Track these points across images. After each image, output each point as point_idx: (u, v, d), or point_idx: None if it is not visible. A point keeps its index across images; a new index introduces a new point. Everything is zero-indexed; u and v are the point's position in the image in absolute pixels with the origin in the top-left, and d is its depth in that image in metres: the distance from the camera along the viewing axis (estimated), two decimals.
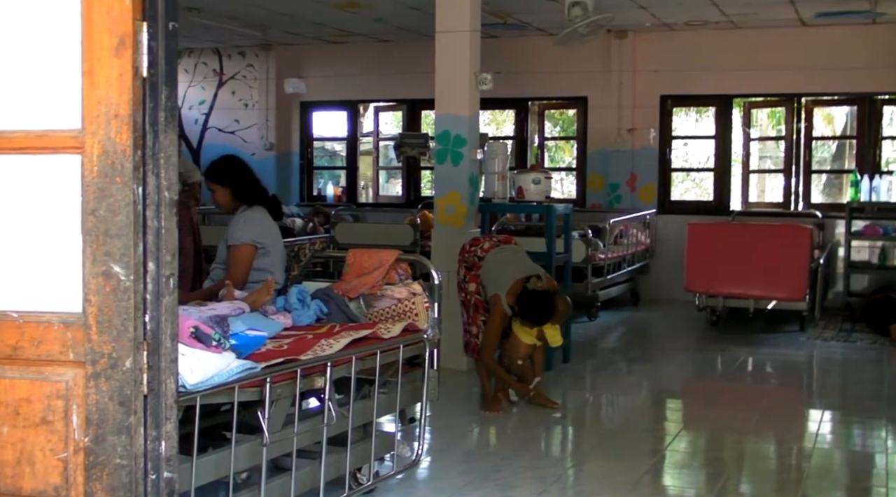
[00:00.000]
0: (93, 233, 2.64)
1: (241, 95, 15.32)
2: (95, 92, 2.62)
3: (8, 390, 2.73)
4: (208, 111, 15.49)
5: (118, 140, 2.61)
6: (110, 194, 2.62)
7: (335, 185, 15.60)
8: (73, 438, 2.69)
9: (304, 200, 15.13)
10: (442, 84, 8.60)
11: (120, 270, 2.62)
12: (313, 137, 15.52)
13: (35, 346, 2.70)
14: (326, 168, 16.28)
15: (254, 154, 15.06)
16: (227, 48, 15.21)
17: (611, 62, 13.30)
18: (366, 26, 12.86)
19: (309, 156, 15.42)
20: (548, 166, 16.01)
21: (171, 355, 2.73)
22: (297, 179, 15.28)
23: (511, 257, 7.41)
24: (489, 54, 12.84)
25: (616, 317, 12.01)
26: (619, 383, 8.91)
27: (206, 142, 15.41)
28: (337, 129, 15.71)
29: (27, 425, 2.71)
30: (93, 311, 2.64)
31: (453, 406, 7.52)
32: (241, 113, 15.32)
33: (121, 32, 2.61)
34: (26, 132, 2.71)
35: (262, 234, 5.70)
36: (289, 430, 4.39)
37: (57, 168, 2.69)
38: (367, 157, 15.63)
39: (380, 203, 15.20)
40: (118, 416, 2.64)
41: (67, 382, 2.69)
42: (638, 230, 12.72)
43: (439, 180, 8.69)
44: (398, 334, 5.11)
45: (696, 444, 7.02)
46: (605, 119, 13.43)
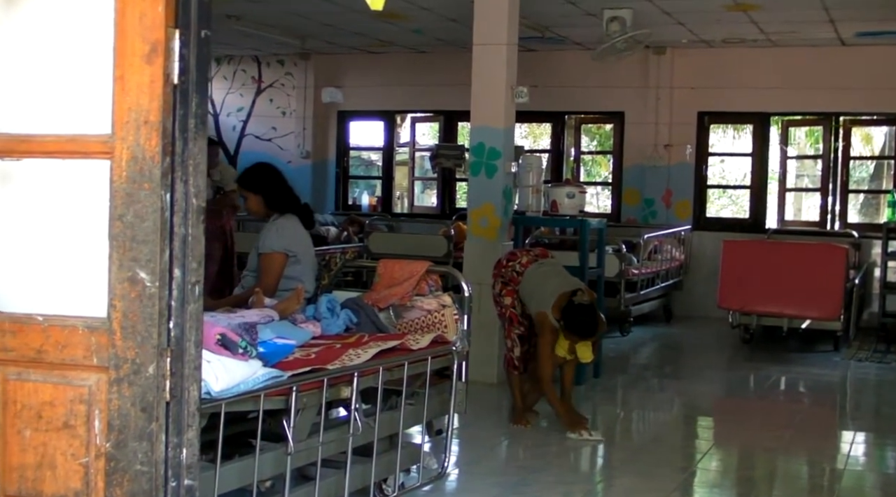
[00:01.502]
0: (120, 238, 2.64)
1: (279, 103, 15.38)
2: (126, 98, 2.63)
3: (31, 393, 2.74)
4: (246, 118, 15.56)
5: (147, 146, 2.62)
6: (138, 200, 2.62)
7: (370, 195, 15.62)
8: (95, 443, 2.69)
9: (340, 209, 15.15)
10: (478, 96, 8.59)
11: (146, 276, 2.62)
12: (350, 146, 15.56)
13: (59, 350, 2.71)
14: (362, 177, 16.32)
15: (290, 162, 15.11)
16: (266, 56, 15.29)
17: (648, 78, 13.25)
18: (404, 37, 12.89)
19: (345, 165, 15.45)
20: (584, 180, 15.99)
21: (194, 362, 2.73)
22: (332, 188, 15.31)
23: (551, 271, 7.35)
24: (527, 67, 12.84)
25: (649, 332, 11.94)
26: (649, 399, 8.85)
27: (244, 149, 15.47)
28: (373, 139, 15.74)
29: (49, 429, 2.72)
30: (117, 316, 2.65)
31: (483, 418, 7.49)
32: (279, 121, 15.38)
33: (153, 39, 2.62)
34: (57, 137, 2.72)
35: (293, 243, 5.70)
36: (314, 440, 4.37)
37: (86, 173, 2.70)
38: (404, 168, 15.65)
39: (415, 213, 15.20)
40: (140, 423, 2.64)
41: (90, 387, 2.69)
42: (672, 246, 12.63)
43: (473, 192, 8.67)
44: (426, 346, 5.10)
45: (727, 462, 6.95)
46: (642, 134, 13.37)
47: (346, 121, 15.29)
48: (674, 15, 10.79)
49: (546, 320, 7.02)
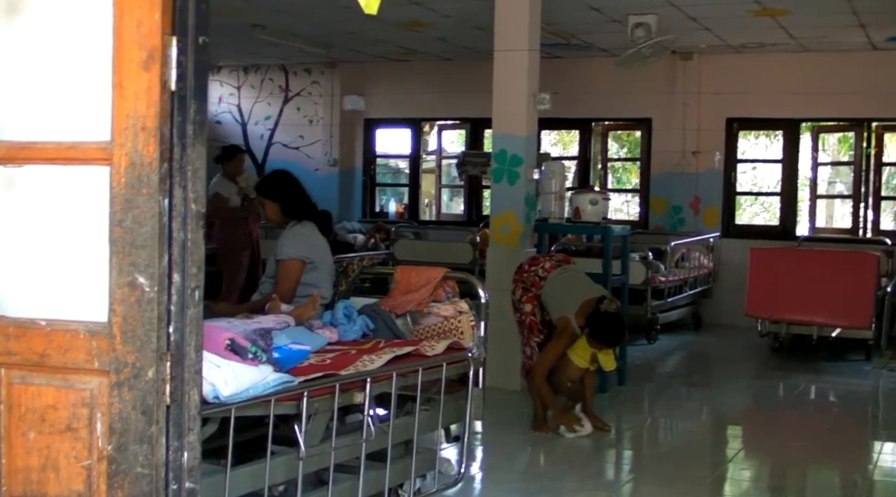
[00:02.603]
0: (119, 243, 2.67)
1: (306, 112, 15.45)
2: (124, 105, 2.66)
3: (35, 397, 2.77)
4: (273, 127, 15.65)
5: (145, 152, 2.64)
6: (137, 206, 2.65)
7: (398, 203, 15.66)
8: (97, 446, 2.71)
9: (367, 217, 15.20)
10: (500, 103, 8.60)
11: (144, 281, 2.65)
12: (376, 154, 15.61)
13: (62, 354, 2.74)
14: (389, 185, 16.36)
15: (317, 170, 15.19)
16: (293, 65, 15.37)
17: (676, 84, 13.20)
18: (429, 45, 12.92)
19: (372, 173, 15.50)
20: (613, 187, 15.97)
21: (195, 366, 2.75)
22: (359, 196, 15.36)
23: (574, 278, 7.35)
24: (553, 74, 12.87)
25: (676, 340, 11.88)
26: (675, 407, 8.82)
27: (271, 157, 15.55)
28: (400, 147, 15.79)
29: (53, 432, 2.75)
30: (117, 320, 2.67)
31: (505, 425, 7.49)
32: (306, 129, 15.45)
33: (150, 46, 2.64)
34: (57, 144, 2.75)
35: (311, 250, 5.73)
36: (327, 445, 4.38)
37: (86, 179, 2.73)
38: (431, 175, 15.68)
39: (441, 221, 15.22)
40: (140, 426, 2.67)
41: (92, 390, 2.72)
42: (701, 254, 12.57)
43: (495, 199, 8.68)
44: (442, 352, 5.10)
45: (755, 472, 6.92)
46: (670, 141, 13.32)
47: (372, 129, 15.34)
48: (700, 20, 10.75)
49: (568, 326, 7.01)
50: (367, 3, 3.13)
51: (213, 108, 16.03)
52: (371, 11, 3.15)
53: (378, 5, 3.13)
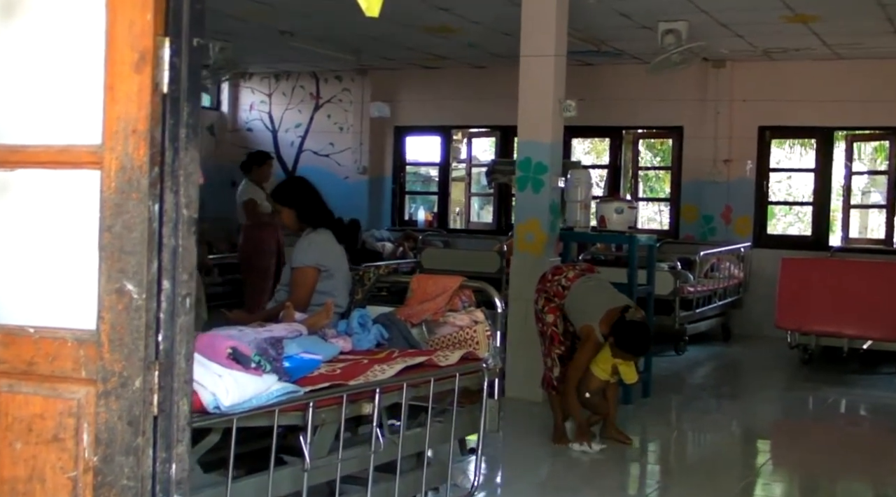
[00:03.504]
0: (108, 249, 2.60)
1: (337, 119, 15.44)
2: (115, 107, 2.59)
3: (22, 406, 2.71)
4: (304, 134, 15.64)
5: (135, 156, 2.58)
6: (126, 210, 2.58)
7: (427, 211, 15.60)
8: (83, 457, 2.65)
9: (396, 225, 15.14)
10: (525, 109, 8.51)
11: (133, 288, 2.58)
12: (406, 162, 15.55)
13: (49, 362, 2.68)
14: (419, 193, 16.30)
15: (347, 178, 15.18)
16: (323, 72, 15.36)
17: (708, 91, 13.06)
18: (458, 51, 12.86)
19: (401, 180, 15.44)
20: (645, 196, 15.84)
21: (184, 376, 2.68)
22: (388, 204, 15.31)
23: (598, 286, 7.24)
24: (583, 81, 12.77)
25: (705, 351, 11.72)
26: (701, 420, 8.67)
27: (301, 164, 15.54)
28: (430, 154, 15.73)
29: (39, 442, 2.69)
30: (105, 328, 2.61)
31: (525, 437, 7.40)
32: (336, 136, 15.43)
33: (141, 48, 2.58)
34: (48, 147, 2.69)
35: (326, 257, 5.66)
36: (334, 456, 4.30)
37: (77, 183, 2.67)
38: (461, 183, 15.62)
39: (471, 230, 15.15)
40: (126, 437, 2.60)
41: (79, 400, 2.65)
42: (731, 263, 12.41)
43: (520, 207, 8.59)
44: (455, 362, 5.01)
45: (782, 486, 6.78)
46: (701, 149, 13.18)
47: (402, 136, 15.29)
48: (731, 27, 10.62)
49: (592, 334, 6.90)
50: (369, 5, 3.04)
51: (245, 115, 16.07)
52: (372, 14, 3.07)
53: (379, 7, 3.05)
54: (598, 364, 6.98)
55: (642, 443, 7.65)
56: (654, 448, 7.80)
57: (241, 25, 11.42)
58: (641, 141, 14.77)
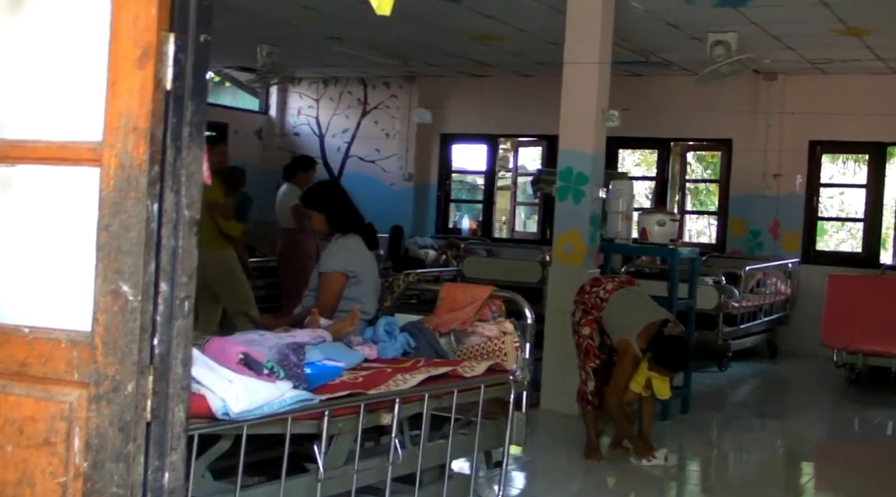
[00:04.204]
0: (105, 249, 2.53)
1: (384, 125, 15.39)
2: (116, 103, 2.52)
3: (14, 407, 2.64)
4: (350, 140, 15.62)
5: (135, 154, 2.50)
6: (124, 210, 2.51)
7: (471, 219, 15.50)
8: (74, 462, 2.57)
9: (440, 233, 15.05)
10: (567, 118, 8.38)
11: (128, 290, 2.50)
12: (452, 170, 15.46)
13: (42, 364, 2.61)
14: (463, 201, 16.21)
15: (393, 184, 15.13)
16: (371, 78, 15.33)
17: (758, 104, 12.85)
18: (505, 59, 12.76)
19: (446, 188, 15.36)
20: (693, 209, 15.63)
21: (181, 382, 2.60)
22: (433, 211, 15.23)
23: (637, 299, 7.09)
24: (631, 92, 12.63)
25: (749, 368, 11.50)
26: (742, 438, 8.48)
27: (347, 170, 15.52)
28: (476, 163, 15.64)
29: (30, 445, 2.61)
30: (100, 330, 2.53)
31: (557, 451, 7.29)
32: (383, 142, 15.39)
33: (144, 43, 2.50)
34: (48, 143, 2.62)
35: (354, 263, 5.57)
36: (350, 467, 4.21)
37: (77, 180, 2.60)
38: (506, 192, 15.51)
39: (515, 239, 15.03)
40: (117, 443, 2.51)
41: (71, 403, 2.58)
42: (778, 279, 12.18)
43: (560, 218, 8.45)
44: (481, 373, 4.90)
45: None
46: (750, 163, 12.96)
47: (449, 144, 15.21)
48: (782, 39, 10.42)
49: (629, 349, 6.76)
50: (380, 3, 2.95)
51: (292, 119, 16.09)
52: (383, 12, 2.97)
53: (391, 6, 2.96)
54: (634, 378, 6.83)
55: (680, 460, 7.48)
56: (691, 466, 7.63)
57: (290, 30, 11.41)
58: (690, 153, 14.56)
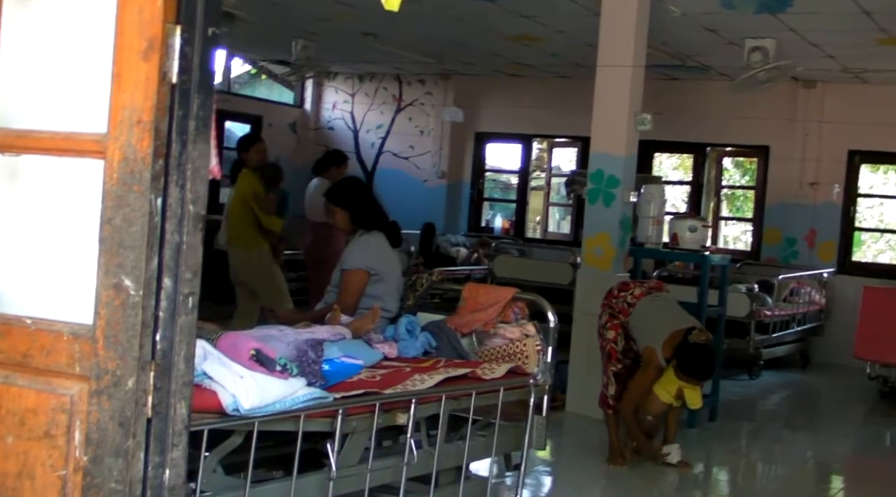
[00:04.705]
0: (107, 242, 2.51)
1: (418, 122, 15.36)
2: (121, 96, 2.50)
3: (16, 399, 2.63)
4: (385, 136, 15.59)
5: (139, 147, 2.48)
6: (127, 203, 2.48)
7: (504, 218, 15.44)
8: (74, 456, 2.55)
9: (472, 231, 15.01)
10: (599, 121, 8.31)
11: (130, 284, 2.48)
12: (485, 168, 15.42)
13: (44, 356, 2.59)
14: (496, 200, 16.15)
15: (426, 181, 15.10)
16: (407, 75, 15.31)
17: (797, 112, 12.69)
18: (542, 60, 12.68)
19: (480, 187, 15.30)
20: (729, 216, 15.49)
21: (183, 378, 2.57)
22: (465, 209, 15.18)
23: (664, 306, 7.00)
24: (667, 95, 12.54)
25: (780, 378, 11.36)
26: (769, 448, 8.35)
27: (381, 166, 15.50)
28: (511, 162, 15.58)
29: (31, 438, 2.60)
30: (101, 324, 2.51)
31: (582, 455, 7.24)
32: (417, 139, 15.36)
33: (150, 35, 2.48)
34: (53, 133, 2.61)
35: (377, 261, 5.53)
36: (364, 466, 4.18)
37: (81, 172, 2.58)
38: (540, 192, 15.44)
39: (547, 240, 14.96)
40: (117, 438, 2.49)
41: (72, 397, 2.56)
42: (812, 289, 12.02)
43: (589, 221, 8.39)
44: (501, 376, 4.85)
45: None
46: (787, 170, 12.81)
47: (483, 142, 15.15)
48: (821, 47, 10.28)
49: (653, 358, 6.67)
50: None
51: (327, 114, 16.09)
52: (392, 7, 2.93)
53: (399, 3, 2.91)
54: (663, 386, 6.71)
55: (705, 469, 7.40)
56: (717, 475, 7.54)
57: (325, 25, 11.40)
58: (728, 159, 14.42)
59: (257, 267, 8.68)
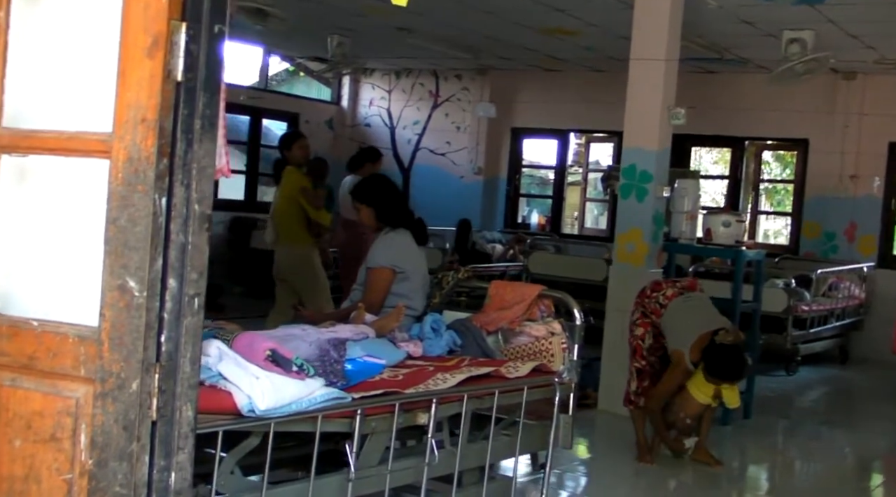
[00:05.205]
0: (112, 243, 2.48)
1: (455, 118, 15.31)
2: (126, 94, 2.47)
3: (22, 402, 2.61)
4: (421, 132, 15.56)
5: (143, 146, 2.45)
6: (132, 203, 2.45)
7: (540, 214, 15.36)
8: (80, 459, 2.53)
9: (508, 227, 14.94)
10: (632, 115, 8.21)
11: (134, 285, 2.45)
12: (522, 164, 15.34)
13: (50, 358, 2.57)
14: (533, 196, 16.06)
15: (462, 177, 15.05)
16: (444, 71, 15.26)
17: (836, 104, 12.51)
18: (577, 54, 12.59)
19: (516, 182, 15.23)
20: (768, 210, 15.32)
21: (189, 380, 2.54)
22: (502, 205, 15.11)
23: (696, 306, 6.90)
24: (705, 88, 12.42)
25: (818, 373, 11.20)
26: (805, 447, 8.24)
27: (417, 162, 15.46)
28: (547, 157, 15.49)
29: (37, 441, 2.58)
30: (106, 326, 2.48)
31: (612, 453, 7.17)
32: (453, 135, 15.30)
33: (155, 32, 2.44)
34: (59, 133, 2.58)
35: (402, 259, 5.49)
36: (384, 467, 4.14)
37: (87, 172, 2.56)
38: (577, 188, 15.34)
39: (584, 235, 14.87)
40: (121, 442, 2.47)
41: (78, 399, 2.54)
42: (852, 283, 11.85)
43: (622, 216, 8.29)
44: (526, 375, 4.80)
45: None
46: (827, 164, 12.63)
47: (519, 138, 15.07)
48: (861, 38, 10.12)
49: (681, 361, 6.59)
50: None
51: (363, 110, 16.08)
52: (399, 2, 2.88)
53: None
54: (699, 387, 6.60)
55: (741, 466, 7.30)
56: (750, 473, 7.44)
57: (360, 21, 11.38)
58: (767, 152, 14.25)
59: (302, 266, 8.64)
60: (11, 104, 2.67)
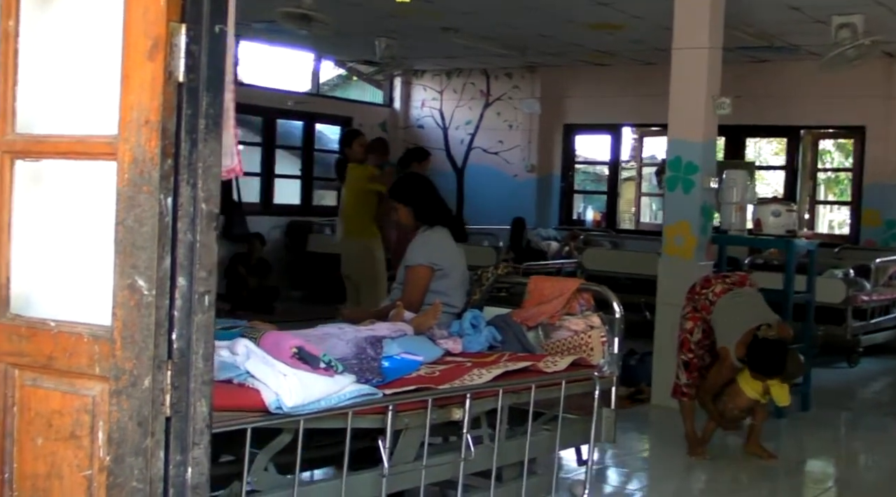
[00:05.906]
0: (121, 243, 2.52)
1: (506, 117, 15.30)
2: (129, 97, 2.51)
3: (43, 401, 2.67)
4: (474, 131, 15.58)
5: (147, 147, 2.48)
6: (138, 204, 2.50)
7: (595, 210, 15.30)
8: (98, 456, 2.58)
9: (563, 224, 14.89)
10: (676, 106, 8.15)
11: (143, 284, 2.49)
12: (575, 160, 15.28)
13: (67, 358, 2.62)
14: (587, 192, 16.00)
15: (516, 175, 15.05)
16: (494, 70, 15.26)
17: (892, 89, 12.29)
18: (625, 47, 12.53)
19: (570, 179, 15.18)
20: (826, 199, 15.11)
21: (202, 376, 2.57)
22: (556, 202, 15.08)
23: (745, 304, 6.81)
24: (757, 78, 12.27)
25: (882, 365, 11.01)
26: (867, 439, 8.07)
27: (471, 162, 15.48)
28: (601, 153, 15.43)
29: (58, 438, 2.64)
30: (118, 325, 2.53)
31: (664, 447, 7.14)
32: (505, 134, 15.30)
33: (154, 35, 2.48)
34: (68, 137, 2.64)
35: (440, 257, 5.50)
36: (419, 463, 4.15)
37: (96, 175, 2.60)
38: (632, 183, 15.26)
39: (641, 230, 14.77)
40: (136, 437, 2.51)
41: (94, 397, 2.59)
42: None
43: (669, 209, 8.23)
44: (564, 369, 4.78)
45: None
46: (885, 150, 12.42)
47: (571, 134, 15.03)
48: None
49: (728, 358, 6.53)
50: None
51: (416, 112, 16.13)
52: None
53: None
54: (748, 382, 6.53)
55: (798, 460, 7.19)
56: (807, 467, 7.33)
57: (404, 22, 11.42)
58: (825, 141, 14.05)
59: (365, 258, 8.69)
60: (24, 110, 2.73)
